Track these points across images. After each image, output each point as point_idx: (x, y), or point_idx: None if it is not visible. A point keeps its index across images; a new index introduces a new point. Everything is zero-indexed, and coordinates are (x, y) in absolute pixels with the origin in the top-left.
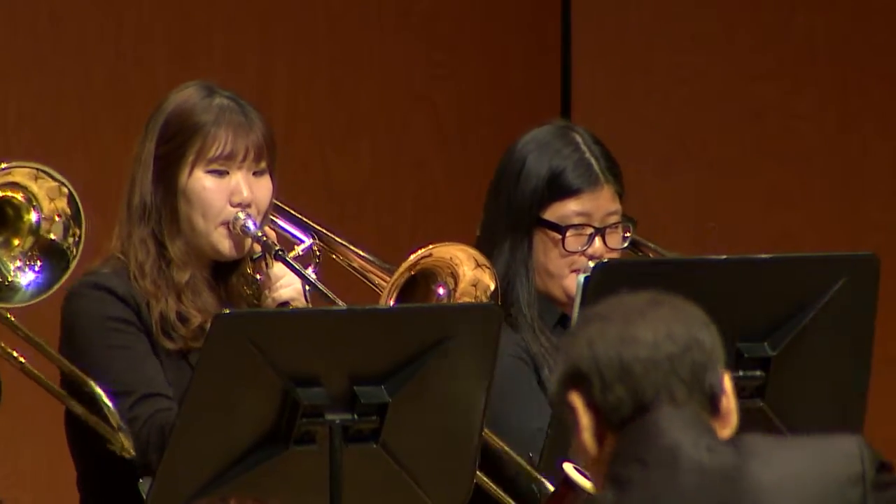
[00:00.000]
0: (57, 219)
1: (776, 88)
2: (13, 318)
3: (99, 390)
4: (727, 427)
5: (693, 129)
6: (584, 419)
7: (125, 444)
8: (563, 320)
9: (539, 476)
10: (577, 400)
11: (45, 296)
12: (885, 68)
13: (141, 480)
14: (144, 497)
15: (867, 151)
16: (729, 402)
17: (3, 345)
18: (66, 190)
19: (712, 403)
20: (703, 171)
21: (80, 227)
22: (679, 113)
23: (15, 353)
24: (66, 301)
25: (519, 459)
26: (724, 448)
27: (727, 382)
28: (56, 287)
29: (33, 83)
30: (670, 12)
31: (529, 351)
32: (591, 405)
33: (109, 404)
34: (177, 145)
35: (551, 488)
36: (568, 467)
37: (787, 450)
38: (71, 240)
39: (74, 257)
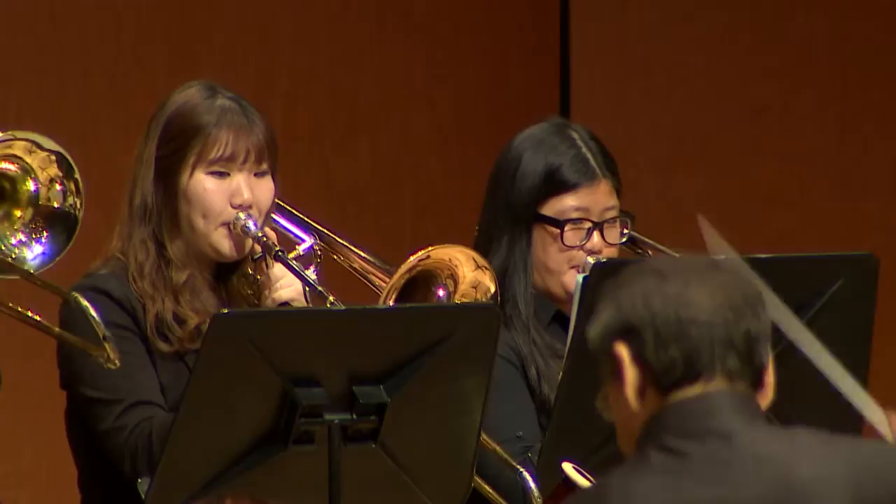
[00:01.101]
0: (57, 187)
1: (776, 88)
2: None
3: (84, 301)
4: (765, 399)
5: (693, 129)
6: (630, 373)
7: (111, 355)
8: (559, 318)
9: (519, 467)
10: (624, 352)
11: (54, 262)
12: (885, 68)
13: (140, 480)
14: (143, 497)
15: (867, 151)
16: (769, 376)
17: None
18: (54, 157)
19: (758, 377)
20: (703, 171)
21: (74, 181)
22: (679, 113)
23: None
24: (64, 304)
25: (501, 451)
26: (778, 438)
27: (770, 356)
28: (66, 250)
29: (33, 83)
30: (670, 12)
31: (519, 351)
32: (640, 360)
33: (95, 315)
34: (178, 146)
35: (530, 480)
36: (567, 467)
37: (837, 449)
38: (70, 198)
39: (79, 211)
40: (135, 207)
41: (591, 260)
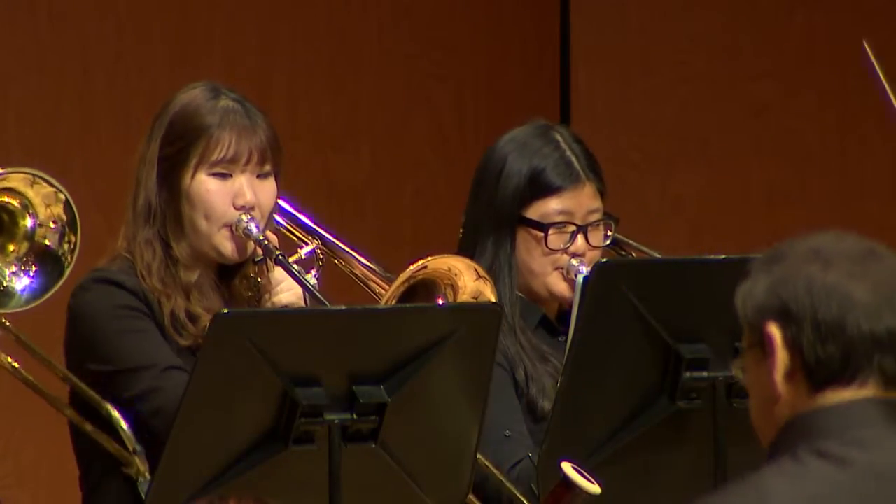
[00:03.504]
0: (52, 225)
1: (776, 88)
2: (10, 326)
3: (115, 413)
4: None
5: (693, 129)
6: (781, 356)
7: (141, 469)
8: (544, 322)
9: (508, 483)
10: (777, 334)
11: (39, 301)
12: (885, 68)
13: (140, 480)
14: (143, 497)
15: (867, 151)
16: None
17: (32, 379)
18: (62, 196)
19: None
20: (703, 170)
21: (75, 235)
22: (679, 113)
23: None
24: (74, 296)
25: (487, 463)
26: None
27: None
28: (51, 293)
29: (33, 83)
30: (670, 12)
31: (507, 353)
32: (794, 347)
33: (125, 426)
34: (181, 147)
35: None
36: (567, 467)
37: None
38: (66, 247)
39: (69, 265)
40: (139, 208)
41: (574, 262)
